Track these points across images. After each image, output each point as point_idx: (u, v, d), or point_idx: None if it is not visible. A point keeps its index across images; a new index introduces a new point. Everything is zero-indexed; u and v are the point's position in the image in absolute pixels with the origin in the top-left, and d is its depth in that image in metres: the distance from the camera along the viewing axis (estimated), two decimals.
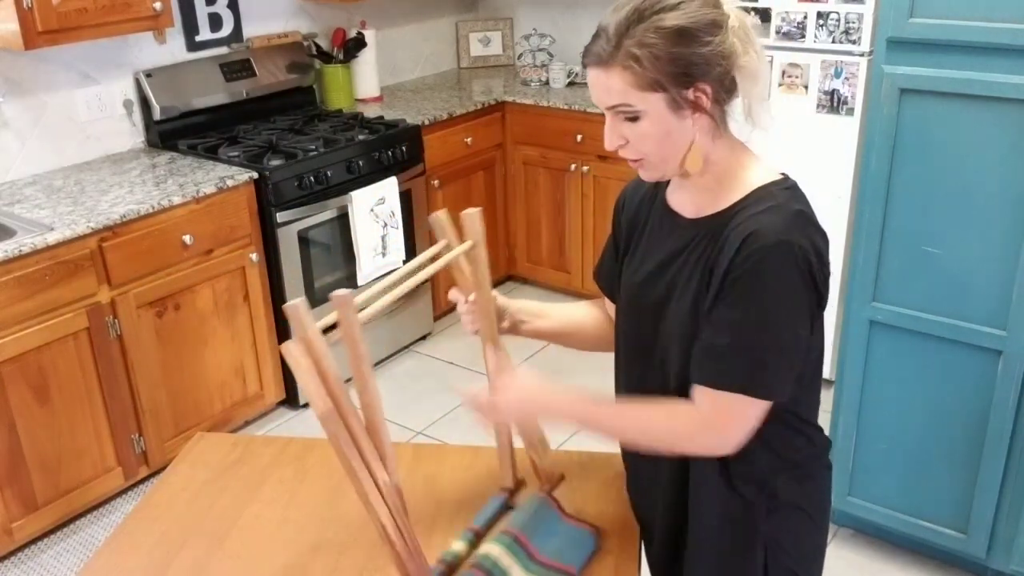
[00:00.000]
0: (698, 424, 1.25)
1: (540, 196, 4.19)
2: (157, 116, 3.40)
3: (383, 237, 3.56)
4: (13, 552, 2.78)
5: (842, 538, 2.74)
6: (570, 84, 4.22)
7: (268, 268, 3.27)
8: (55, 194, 2.97)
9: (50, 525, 2.82)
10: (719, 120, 1.24)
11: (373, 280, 3.56)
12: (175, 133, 3.46)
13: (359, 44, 3.99)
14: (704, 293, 1.24)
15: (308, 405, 3.49)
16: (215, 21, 3.62)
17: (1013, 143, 2.10)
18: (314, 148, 3.34)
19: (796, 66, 3.23)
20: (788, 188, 1.26)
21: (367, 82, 4.11)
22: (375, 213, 3.50)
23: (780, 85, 3.27)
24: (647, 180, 1.33)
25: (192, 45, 3.56)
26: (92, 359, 2.79)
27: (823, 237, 1.24)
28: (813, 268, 1.19)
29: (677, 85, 1.18)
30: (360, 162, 3.43)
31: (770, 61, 3.20)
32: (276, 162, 3.24)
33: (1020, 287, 2.15)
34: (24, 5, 2.69)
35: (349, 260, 3.51)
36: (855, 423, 2.52)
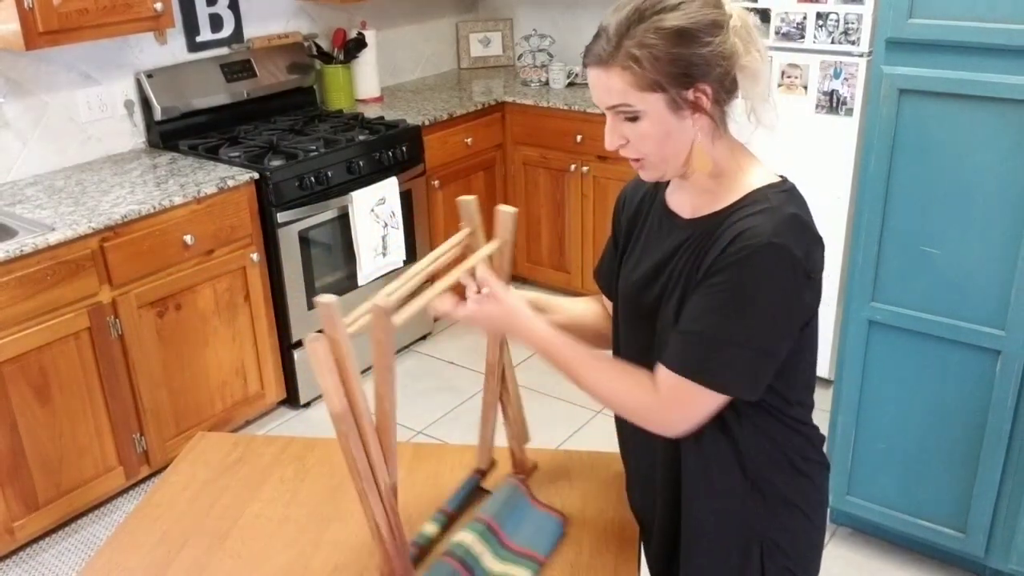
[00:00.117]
0: (652, 401, 1.26)
1: (540, 196, 4.20)
2: (158, 116, 3.40)
3: (383, 237, 3.56)
4: (14, 551, 2.78)
5: (841, 537, 2.75)
6: (570, 84, 4.22)
7: (269, 268, 3.28)
8: (56, 194, 2.97)
9: (51, 524, 2.82)
10: (719, 121, 1.24)
11: (373, 280, 3.57)
12: (176, 133, 3.46)
13: (359, 45, 4.00)
14: (692, 290, 1.24)
15: (309, 405, 3.52)
16: (216, 22, 3.62)
17: (1012, 143, 2.10)
18: (315, 148, 3.35)
19: (795, 67, 3.23)
20: (785, 191, 1.25)
21: (367, 82, 4.11)
22: (375, 213, 3.50)
23: (779, 86, 3.27)
24: (647, 180, 1.33)
25: (193, 46, 3.57)
26: (93, 359, 2.79)
27: (817, 241, 1.23)
28: (799, 273, 1.19)
29: (677, 86, 1.19)
30: (360, 162, 3.44)
31: (769, 61, 3.21)
32: (277, 162, 3.24)
33: (1019, 287, 2.16)
34: (25, 5, 2.69)
35: (350, 260, 3.51)
36: (854, 423, 2.53)
